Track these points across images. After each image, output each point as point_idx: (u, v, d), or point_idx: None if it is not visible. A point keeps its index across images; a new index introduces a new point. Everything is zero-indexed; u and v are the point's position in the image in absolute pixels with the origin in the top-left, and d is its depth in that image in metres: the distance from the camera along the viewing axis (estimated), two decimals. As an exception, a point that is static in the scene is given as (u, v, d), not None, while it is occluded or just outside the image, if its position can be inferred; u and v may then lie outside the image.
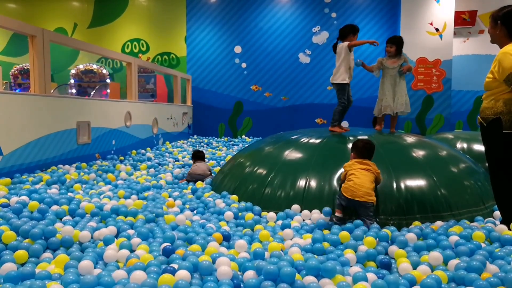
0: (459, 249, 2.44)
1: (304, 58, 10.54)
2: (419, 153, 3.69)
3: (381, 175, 3.29)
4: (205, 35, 10.95)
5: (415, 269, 2.24)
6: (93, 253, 2.38)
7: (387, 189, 3.28)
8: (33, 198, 3.39)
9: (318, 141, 4.00)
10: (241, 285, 1.99)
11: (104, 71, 10.71)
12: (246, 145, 6.81)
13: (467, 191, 3.46)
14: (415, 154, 3.67)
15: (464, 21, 9.54)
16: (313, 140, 4.04)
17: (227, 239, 2.72)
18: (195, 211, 3.53)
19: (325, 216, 3.20)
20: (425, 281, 1.98)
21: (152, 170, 5.50)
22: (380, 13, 10.16)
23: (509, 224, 2.87)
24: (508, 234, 2.65)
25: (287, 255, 2.29)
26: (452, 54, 9.12)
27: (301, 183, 3.51)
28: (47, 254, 2.43)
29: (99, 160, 5.95)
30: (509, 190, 2.90)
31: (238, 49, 10.80)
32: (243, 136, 10.66)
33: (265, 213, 3.42)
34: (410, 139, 4.10)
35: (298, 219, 3.23)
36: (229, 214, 3.31)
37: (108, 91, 10.20)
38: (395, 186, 3.29)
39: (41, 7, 11.83)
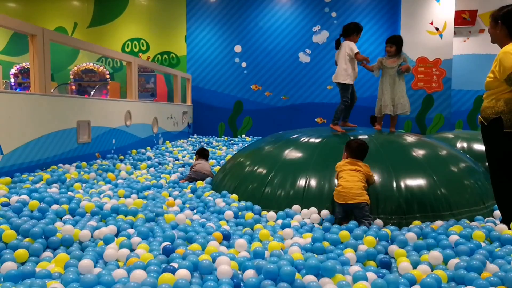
0: (459, 248, 2.44)
1: (304, 58, 10.53)
2: (419, 153, 3.68)
3: (381, 175, 3.29)
4: (205, 35, 10.94)
5: (415, 268, 2.24)
6: (93, 252, 2.37)
7: (387, 189, 3.28)
8: (33, 197, 3.39)
9: (318, 140, 4.00)
10: (241, 284, 1.99)
11: (99, 67, 10.58)
12: (246, 145, 6.81)
13: (467, 190, 3.46)
14: (415, 154, 3.67)
15: (464, 20, 9.54)
16: (313, 139, 4.04)
17: (227, 238, 2.72)
18: (195, 210, 3.53)
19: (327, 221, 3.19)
20: (425, 280, 1.98)
21: (152, 169, 5.51)
22: (380, 12, 10.15)
23: (509, 224, 2.88)
24: (508, 233, 2.66)
25: (287, 254, 2.30)
26: (452, 54, 9.12)
27: (301, 182, 3.51)
28: (47, 253, 2.43)
29: (99, 159, 5.95)
30: (509, 190, 2.90)
31: (238, 48, 10.79)
32: (243, 136, 10.66)
33: (265, 212, 3.42)
34: (410, 138, 4.10)
35: (298, 218, 3.23)
36: (229, 214, 3.32)
37: (107, 87, 10.16)
38: (395, 185, 3.29)
39: (41, 6, 11.83)
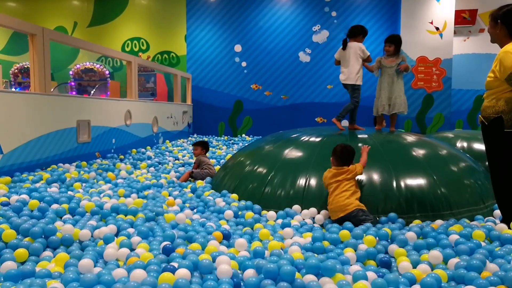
0: (459, 248, 2.44)
1: (304, 57, 10.53)
2: (419, 152, 3.68)
3: (381, 174, 3.29)
4: (205, 34, 10.94)
5: (415, 268, 2.24)
6: (93, 251, 2.37)
7: (387, 188, 3.28)
8: (33, 197, 3.39)
9: (318, 140, 4.00)
10: (241, 283, 1.99)
11: (99, 66, 10.56)
12: (246, 144, 6.81)
13: (467, 190, 3.46)
14: (415, 153, 3.66)
15: (465, 20, 9.54)
16: (313, 139, 4.03)
17: (227, 238, 2.72)
18: (195, 210, 3.53)
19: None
20: (425, 280, 1.98)
21: (152, 169, 5.50)
22: (380, 11, 10.15)
23: (509, 223, 2.88)
24: (508, 233, 2.66)
25: (287, 254, 2.30)
26: (452, 53, 9.12)
27: (301, 182, 3.51)
28: (47, 253, 2.43)
29: (99, 159, 5.95)
30: (510, 189, 2.90)
31: (238, 48, 10.79)
32: (243, 135, 10.66)
33: (265, 212, 3.42)
34: (410, 138, 4.10)
35: (298, 218, 3.23)
36: (229, 213, 3.31)
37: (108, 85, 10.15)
38: (395, 185, 3.29)
39: (41, 5, 11.82)
